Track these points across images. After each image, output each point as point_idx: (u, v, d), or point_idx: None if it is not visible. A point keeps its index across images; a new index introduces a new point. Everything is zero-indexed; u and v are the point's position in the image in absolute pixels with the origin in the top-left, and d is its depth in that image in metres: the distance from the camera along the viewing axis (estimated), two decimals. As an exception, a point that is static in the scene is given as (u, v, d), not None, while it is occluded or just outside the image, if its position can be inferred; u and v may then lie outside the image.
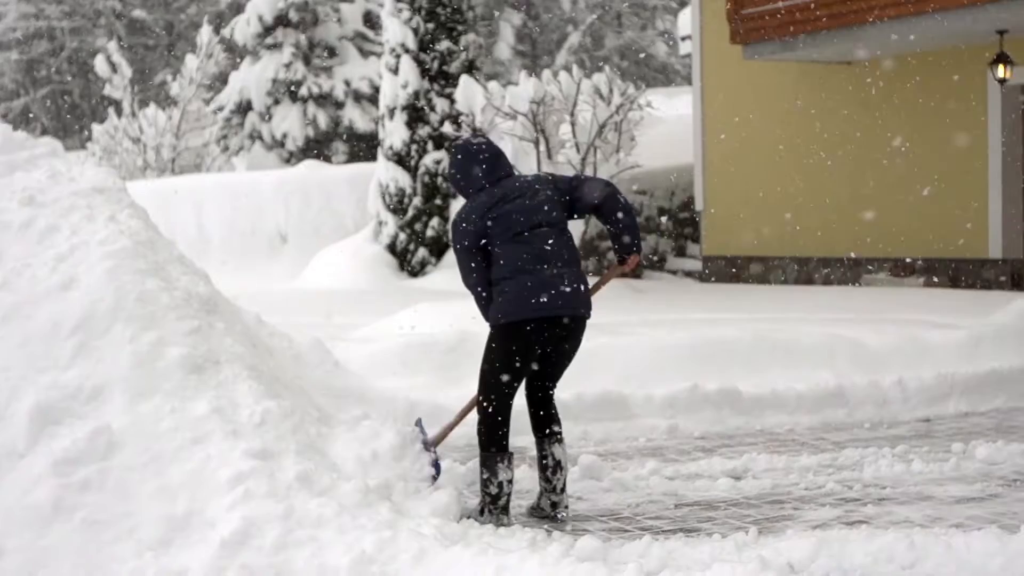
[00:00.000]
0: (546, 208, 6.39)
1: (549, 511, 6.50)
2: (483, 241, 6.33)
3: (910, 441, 8.36)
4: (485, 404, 6.35)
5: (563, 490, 6.50)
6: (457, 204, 18.55)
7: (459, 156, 6.56)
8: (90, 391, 6.10)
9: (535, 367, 6.43)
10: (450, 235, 6.52)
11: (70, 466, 5.74)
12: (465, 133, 17.80)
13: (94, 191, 7.21)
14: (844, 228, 17.70)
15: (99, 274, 6.54)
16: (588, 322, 6.51)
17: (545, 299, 6.21)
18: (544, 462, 6.50)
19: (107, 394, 6.09)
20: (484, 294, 6.41)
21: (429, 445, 6.71)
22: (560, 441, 6.52)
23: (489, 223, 6.31)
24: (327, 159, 28.68)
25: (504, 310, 6.26)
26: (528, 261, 6.25)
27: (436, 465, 6.63)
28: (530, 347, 6.28)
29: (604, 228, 6.78)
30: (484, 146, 6.58)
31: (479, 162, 6.49)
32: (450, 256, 18.57)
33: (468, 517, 6.24)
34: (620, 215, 6.45)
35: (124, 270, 6.59)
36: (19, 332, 6.34)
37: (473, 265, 6.40)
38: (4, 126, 7.91)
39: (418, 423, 6.90)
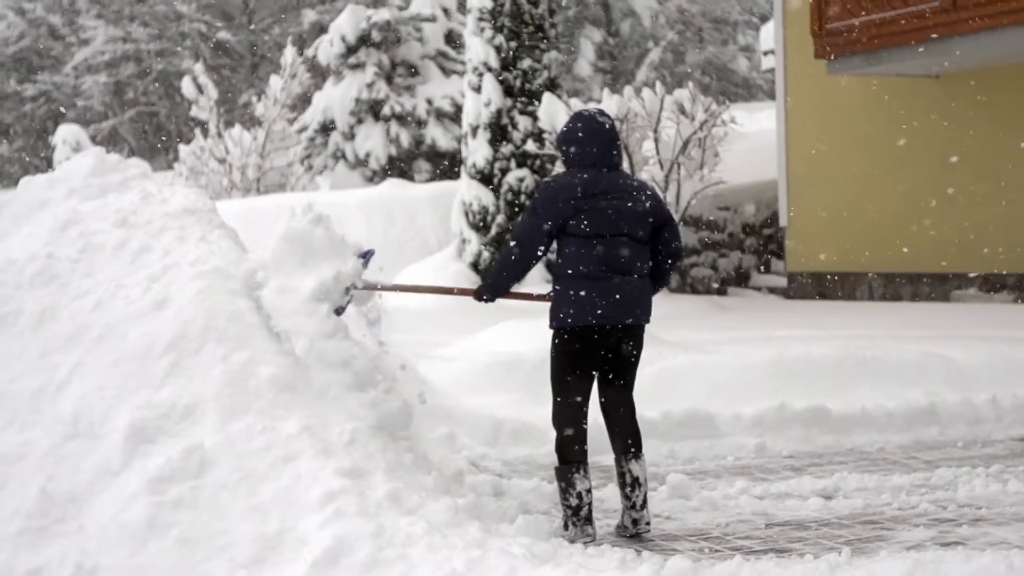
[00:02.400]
0: (639, 220, 6.33)
1: (631, 528, 6.46)
2: (561, 222, 6.24)
3: (1005, 460, 8.21)
4: (555, 413, 6.35)
5: (643, 506, 6.45)
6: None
7: (579, 126, 6.38)
8: (183, 410, 6.18)
9: (597, 374, 6.40)
10: (535, 198, 6.38)
11: (164, 484, 5.81)
12: (548, 150, 17.82)
13: (185, 212, 7.32)
14: (932, 243, 17.46)
15: (191, 294, 6.62)
16: (673, 340, 6.50)
17: (607, 307, 6.18)
18: (623, 479, 6.47)
19: (199, 413, 6.16)
20: (526, 256, 6.30)
21: (358, 285, 6.63)
22: (638, 457, 6.47)
23: (579, 211, 6.19)
24: (410, 178, 28.83)
25: (566, 314, 6.24)
26: (599, 267, 6.20)
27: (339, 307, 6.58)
28: (589, 353, 6.26)
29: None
30: (607, 127, 6.39)
31: (597, 140, 6.33)
32: (534, 275, 18.56)
33: (557, 535, 6.23)
34: (665, 278, 6.54)
35: (215, 290, 6.67)
36: (113, 352, 6.44)
37: (542, 231, 6.26)
38: (97, 149, 8.05)
39: (366, 256, 6.77)
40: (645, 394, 7.41)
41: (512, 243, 6.40)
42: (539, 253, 6.34)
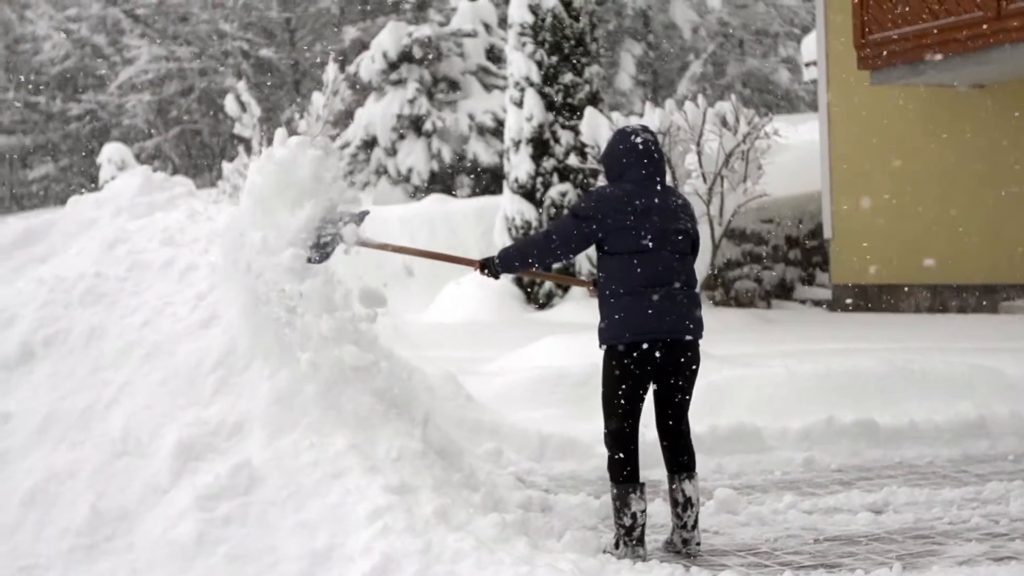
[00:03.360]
0: (681, 236, 6.31)
1: (681, 547, 6.41)
2: (601, 235, 6.22)
3: (1058, 474, 8.13)
4: (607, 434, 6.32)
5: (694, 527, 6.39)
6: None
7: (622, 143, 6.37)
8: (231, 427, 6.20)
9: (652, 392, 6.37)
10: (582, 199, 6.34)
11: (213, 501, 5.83)
12: (591, 164, 17.81)
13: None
14: (978, 255, 17.33)
15: (238, 311, 6.65)
16: (718, 354, 6.44)
17: (654, 322, 6.13)
18: (675, 498, 6.41)
19: (247, 430, 6.19)
20: (548, 247, 6.27)
21: (351, 238, 6.53)
22: (691, 477, 6.41)
23: (623, 226, 6.17)
24: (452, 193, 28.89)
25: (613, 331, 6.20)
26: (643, 282, 6.15)
27: (324, 248, 6.50)
28: (639, 370, 6.20)
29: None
30: (650, 143, 6.38)
31: (640, 157, 6.31)
32: (577, 290, 18.55)
33: (604, 551, 6.21)
34: None
35: (262, 307, 6.69)
36: (161, 370, 6.48)
37: (579, 234, 6.23)
38: (144, 168, 8.12)
39: (361, 217, 6.68)
40: (691, 408, 7.36)
41: (545, 233, 6.38)
42: (567, 252, 6.30)
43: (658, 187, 6.33)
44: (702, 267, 16.21)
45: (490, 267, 6.47)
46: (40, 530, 5.84)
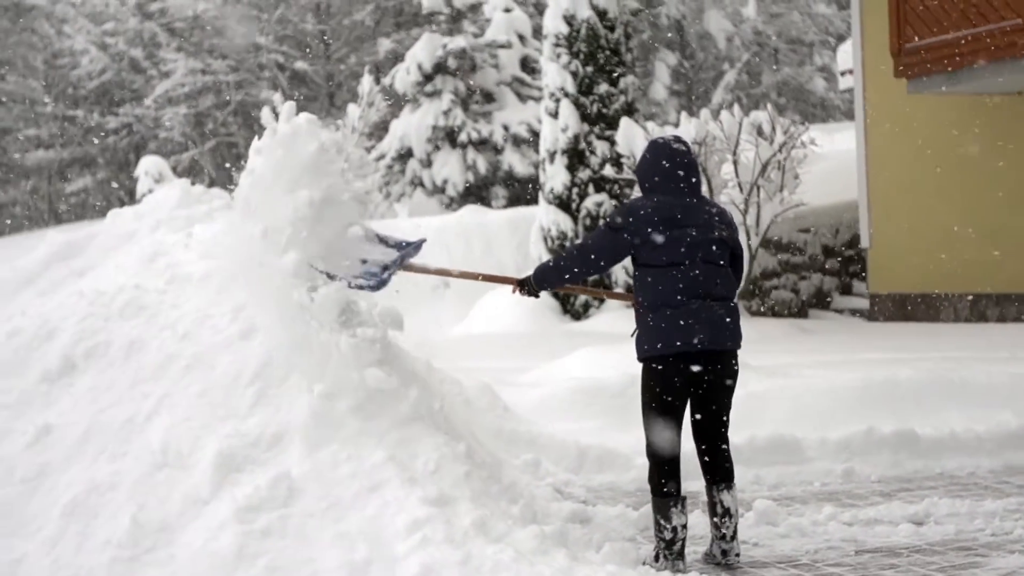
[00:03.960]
0: (716, 246, 6.27)
1: (720, 559, 6.39)
2: (634, 248, 6.22)
3: (1100, 484, 8.06)
4: (649, 445, 6.29)
5: (733, 537, 6.37)
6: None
7: (655, 155, 6.35)
8: (270, 439, 6.22)
9: (690, 403, 6.34)
10: (616, 212, 6.32)
11: (252, 513, 5.85)
12: (627, 175, 17.78)
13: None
14: (1018, 263, 17.20)
15: (276, 323, 6.66)
16: (756, 364, 6.40)
17: (689, 334, 6.10)
18: (713, 508, 6.39)
19: (286, 441, 6.20)
20: (584, 261, 6.27)
21: (402, 260, 6.58)
22: (730, 488, 6.38)
23: (644, 238, 6.16)
24: (487, 204, 28.93)
25: (650, 344, 6.18)
26: (678, 294, 6.13)
27: (379, 276, 6.51)
28: (676, 382, 6.18)
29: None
30: (684, 154, 6.35)
31: (674, 168, 6.29)
32: (613, 300, 18.52)
33: (644, 564, 6.18)
34: None
35: (299, 319, 6.70)
36: (201, 382, 6.50)
37: (613, 246, 6.24)
38: (182, 181, 8.16)
39: (418, 247, 6.72)
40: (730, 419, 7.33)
41: (579, 246, 6.38)
42: (602, 264, 6.29)
43: (692, 198, 6.31)
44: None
45: (528, 286, 6.48)
46: (81, 542, 5.87)
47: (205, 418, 6.32)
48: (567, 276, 6.37)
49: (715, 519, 6.37)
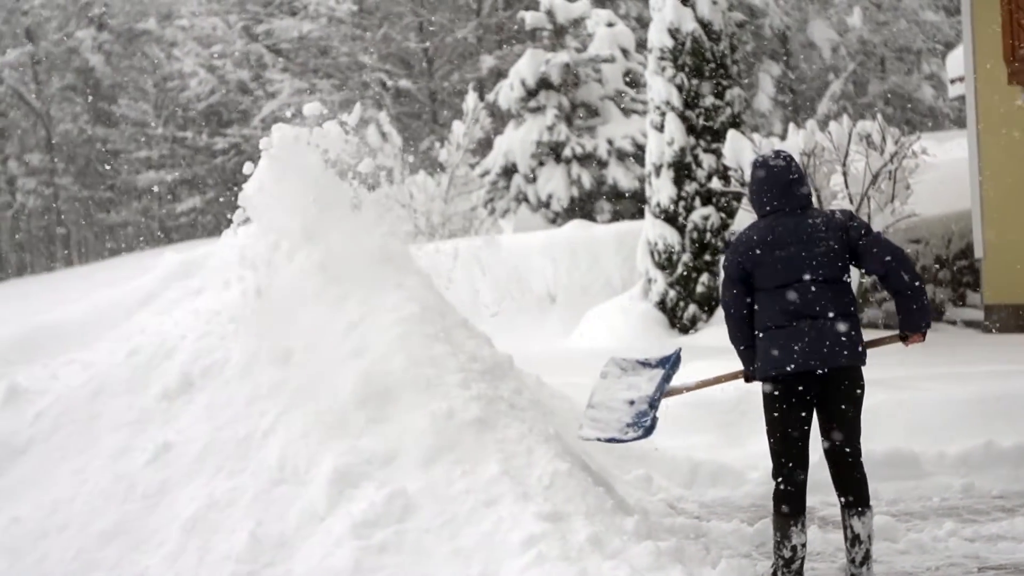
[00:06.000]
0: (821, 261, 6.14)
1: (850, 583, 6.28)
2: (745, 276, 6.21)
3: None
4: (773, 464, 6.22)
5: (863, 563, 6.20)
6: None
7: (757, 172, 6.38)
8: (384, 455, 6.26)
9: (817, 422, 6.25)
10: (727, 249, 6.41)
11: (368, 528, 5.88)
12: (734, 188, 17.65)
13: (382, 258, 7.42)
14: None
15: (389, 340, 6.71)
16: (871, 378, 6.29)
17: (799, 355, 6.02)
18: (845, 533, 6.28)
19: (401, 458, 6.23)
20: (735, 316, 6.29)
21: (657, 401, 6.61)
22: (862, 514, 6.24)
23: (752, 265, 6.16)
24: (592, 218, 28.87)
25: (760, 366, 6.16)
26: (784, 316, 6.07)
27: (648, 424, 6.56)
28: (790, 403, 6.11)
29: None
30: (781, 169, 6.29)
31: (770, 185, 6.26)
32: (722, 313, 18.36)
33: (761, 580, 6.12)
34: (904, 291, 6.19)
35: (413, 336, 6.76)
36: (316, 399, 6.56)
37: (734, 291, 6.30)
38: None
39: (676, 359, 6.80)
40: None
41: (721, 303, 6.45)
42: (743, 308, 6.27)
43: (795, 213, 6.23)
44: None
45: (746, 374, 6.42)
46: (202, 556, 5.95)
47: (320, 435, 6.38)
48: (739, 335, 6.32)
49: (846, 543, 6.25)
